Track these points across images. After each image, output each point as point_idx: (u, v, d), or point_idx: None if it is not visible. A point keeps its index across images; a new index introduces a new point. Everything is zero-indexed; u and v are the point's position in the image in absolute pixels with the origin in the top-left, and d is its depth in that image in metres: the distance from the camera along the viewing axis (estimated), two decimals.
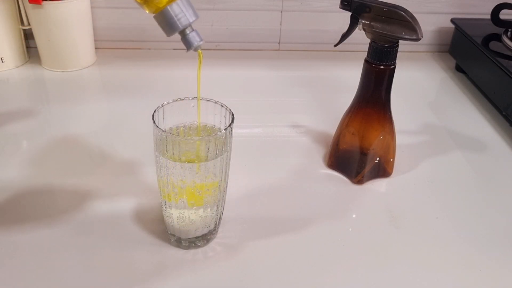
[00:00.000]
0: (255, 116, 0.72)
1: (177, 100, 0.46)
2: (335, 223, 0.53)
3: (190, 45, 0.43)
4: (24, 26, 0.80)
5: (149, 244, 0.49)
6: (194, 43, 0.43)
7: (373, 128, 0.57)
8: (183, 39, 0.43)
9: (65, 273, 0.46)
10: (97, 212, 0.52)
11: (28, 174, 0.58)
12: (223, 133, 0.43)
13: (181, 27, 0.42)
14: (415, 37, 0.49)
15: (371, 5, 0.51)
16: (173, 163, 0.43)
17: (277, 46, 0.92)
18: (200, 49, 0.44)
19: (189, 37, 0.43)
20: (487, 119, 0.73)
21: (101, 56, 0.86)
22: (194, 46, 0.43)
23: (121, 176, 0.58)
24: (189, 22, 0.42)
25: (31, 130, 0.66)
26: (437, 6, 0.89)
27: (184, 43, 0.43)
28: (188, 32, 0.43)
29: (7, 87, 0.77)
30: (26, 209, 0.53)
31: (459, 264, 0.49)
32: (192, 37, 0.43)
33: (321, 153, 0.64)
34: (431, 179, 0.60)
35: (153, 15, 0.43)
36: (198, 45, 0.43)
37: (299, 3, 0.87)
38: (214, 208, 0.47)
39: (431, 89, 0.83)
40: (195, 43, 0.43)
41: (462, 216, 0.55)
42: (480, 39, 0.80)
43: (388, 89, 0.54)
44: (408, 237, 0.52)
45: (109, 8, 0.85)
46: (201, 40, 0.43)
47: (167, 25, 0.42)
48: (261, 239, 0.50)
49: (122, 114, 0.71)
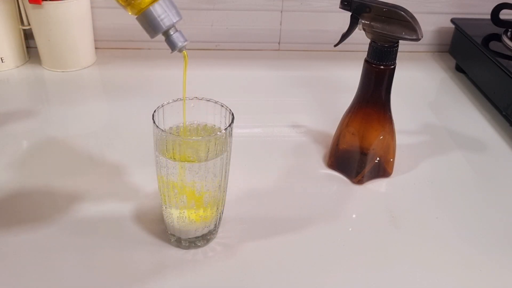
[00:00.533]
0: (255, 116, 0.72)
1: (177, 100, 0.46)
2: (335, 223, 0.53)
3: (174, 46, 0.42)
4: (24, 26, 0.80)
5: (149, 244, 0.49)
6: (178, 44, 0.42)
7: (373, 128, 0.57)
8: (167, 40, 0.43)
9: (65, 273, 0.46)
10: (97, 212, 0.52)
11: (28, 174, 0.58)
12: (223, 133, 0.43)
13: (165, 27, 0.41)
14: (415, 37, 0.49)
15: (371, 5, 0.51)
16: (173, 163, 0.43)
17: (277, 46, 0.92)
18: (185, 49, 0.43)
19: (173, 38, 0.42)
20: (487, 119, 0.73)
21: (101, 56, 0.86)
22: (179, 46, 0.42)
23: (121, 176, 0.58)
24: (172, 22, 0.42)
25: (31, 130, 0.66)
26: (437, 6, 0.89)
27: (168, 44, 0.43)
28: (172, 33, 0.42)
29: (7, 87, 0.77)
30: (26, 209, 0.53)
31: (459, 264, 0.49)
32: (176, 37, 0.42)
33: (321, 153, 0.64)
34: (431, 179, 0.60)
35: (136, 17, 0.42)
36: (183, 45, 0.43)
37: (299, 3, 0.87)
38: (214, 208, 0.47)
39: (431, 89, 0.83)
40: (179, 44, 0.42)
41: (462, 216, 0.55)
42: (480, 39, 0.80)
43: (388, 89, 0.54)
44: (408, 237, 0.52)
45: (109, 8, 0.85)
46: (186, 40, 0.43)
47: (150, 26, 0.42)
48: (261, 239, 0.50)
49: (122, 114, 0.71)
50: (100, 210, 0.53)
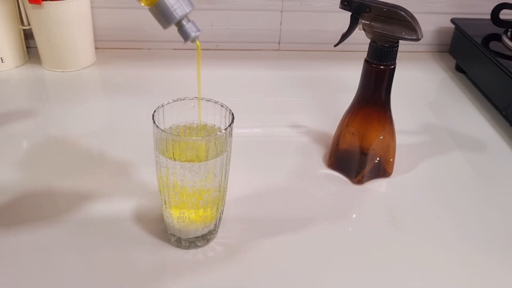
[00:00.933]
0: (255, 116, 0.72)
1: (177, 100, 0.46)
2: (335, 223, 0.53)
3: (188, 36, 0.42)
4: (24, 26, 0.80)
5: (149, 244, 0.49)
6: (192, 34, 0.42)
7: (373, 128, 0.57)
8: (179, 31, 0.42)
9: (65, 273, 0.46)
10: (97, 212, 0.52)
11: (28, 174, 0.58)
12: (223, 133, 0.43)
13: (178, 17, 0.41)
14: (415, 37, 0.49)
15: (371, 5, 0.51)
16: (173, 163, 0.43)
17: (277, 46, 0.92)
18: (198, 40, 0.43)
19: (186, 28, 0.42)
20: (487, 119, 0.73)
21: (101, 56, 0.86)
22: (192, 37, 0.42)
23: (121, 176, 0.58)
24: (185, 12, 0.41)
25: (31, 130, 0.66)
26: (437, 6, 0.89)
27: (181, 35, 0.42)
28: (185, 23, 0.42)
29: (7, 87, 0.77)
30: (26, 209, 0.52)
31: (459, 264, 0.49)
32: (189, 28, 0.42)
33: (321, 153, 0.64)
34: (431, 179, 0.60)
35: (148, 8, 0.41)
36: (196, 35, 0.42)
37: (299, 3, 0.87)
38: (214, 208, 0.47)
39: (431, 89, 0.83)
40: (192, 34, 0.42)
41: (462, 216, 0.55)
42: (480, 39, 0.80)
43: (388, 89, 0.54)
44: (408, 237, 0.52)
45: (109, 8, 0.85)
46: (198, 30, 0.42)
47: (163, 16, 0.41)
48: (261, 239, 0.50)
49: (122, 114, 0.71)
50: (100, 210, 0.53)
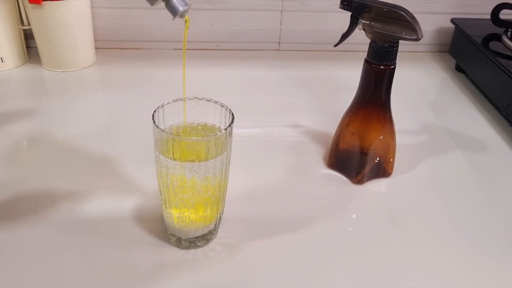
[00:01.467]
0: (255, 116, 0.72)
1: (177, 100, 0.46)
2: (335, 223, 0.53)
3: (176, 11, 0.40)
4: (24, 26, 0.80)
5: (149, 244, 0.49)
6: (180, 8, 0.40)
7: (373, 128, 0.57)
8: (167, 6, 0.40)
9: (65, 273, 0.46)
10: (97, 212, 0.52)
11: (28, 174, 0.58)
12: (223, 133, 0.43)
13: None
14: (415, 37, 0.49)
15: (371, 5, 0.51)
16: (173, 162, 0.43)
17: (277, 46, 0.92)
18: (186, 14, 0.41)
19: (174, 3, 0.40)
20: (487, 119, 0.73)
21: (101, 56, 0.86)
22: (180, 11, 0.40)
23: (121, 176, 0.58)
24: None
25: (31, 130, 0.66)
26: (437, 6, 0.89)
27: (169, 11, 0.40)
28: None
29: (7, 87, 0.77)
30: (26, 209, 0.52)
31: (459, 264, 0.49)
32: (177, 1, 0.40)
33: (321, 153, 0.64)
34: (431, 179, 0.60)
35: None
36: (184, 9, 0.40)
37: (299, 3, 0.87)
38: (214, 208, 0.47)
39: (431, 89, 0.83)
40: (180, 8, 0.40)
41: (462, 216, 0.55)
42: (480, 39, 0.80)
43: (388, 89, 0.54)
44: (408, 237, 0.52)
45: (109, 8, 0.85)
46: (187, 4, 0.40)
47: None
48: (261, 239, 0.50)
49: (122, 114, 0.71)
50: (100, 210, 0.53)
